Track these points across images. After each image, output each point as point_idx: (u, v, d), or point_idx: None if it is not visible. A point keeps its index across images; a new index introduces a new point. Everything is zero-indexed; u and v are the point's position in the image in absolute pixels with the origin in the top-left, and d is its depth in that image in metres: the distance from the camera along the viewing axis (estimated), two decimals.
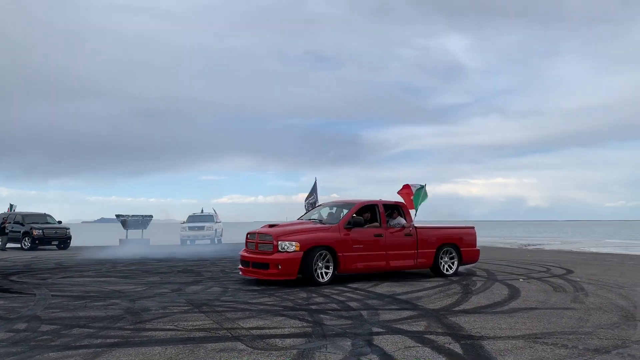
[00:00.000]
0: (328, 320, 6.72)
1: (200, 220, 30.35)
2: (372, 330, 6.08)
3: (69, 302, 8.21)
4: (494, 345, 5.36)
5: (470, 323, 6.54)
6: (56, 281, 11.05)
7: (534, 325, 6.45)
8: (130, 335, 5.84)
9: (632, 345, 5.46)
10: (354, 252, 10.55)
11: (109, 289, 9.80)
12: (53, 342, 5.48)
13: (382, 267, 11.06)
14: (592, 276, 12.04)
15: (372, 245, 10.90)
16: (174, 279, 11.49)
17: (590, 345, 5.41)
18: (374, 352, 5.06)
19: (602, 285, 10.40)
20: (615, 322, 6.71)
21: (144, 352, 5.09)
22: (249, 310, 7.44)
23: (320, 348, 5.22)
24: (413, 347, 5.28)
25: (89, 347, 5.30)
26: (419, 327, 6.26)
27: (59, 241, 25.50)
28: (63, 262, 16.39)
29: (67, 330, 6.10)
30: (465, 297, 8.66)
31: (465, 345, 5.39)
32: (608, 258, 18.90)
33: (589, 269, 13.81)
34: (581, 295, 8.96)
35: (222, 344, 5.43)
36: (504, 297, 8.77)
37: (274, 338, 5.69)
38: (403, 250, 11.31)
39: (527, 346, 5.37)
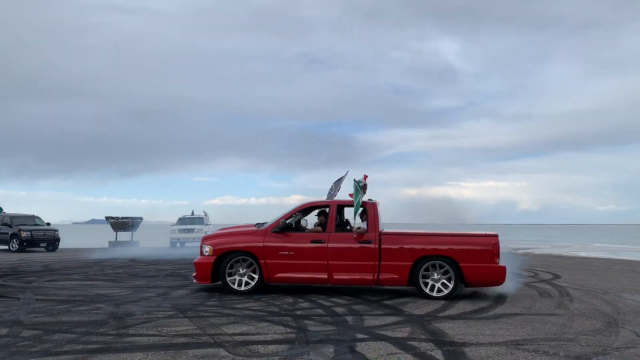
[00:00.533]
0: (312, 326, 6.72)
1: (190, 223, 30.25)
2: (356, 337, 6.09)
3: (53, 306, 8.15)
4: (475, 352, 5.38)
5: (454, 329, 6.56)
6: (41, 284, 10.97)
7: (517, 332, 6.48)
8: (112, 340, 5.81)
9: (612, 352, 5.50)
10: (281, 259, 9.45)
11: (94, 292, 9.74)
12: (34, 348, 5.44)
13: (321, 280, 9.46)
14: (579, 281, 12.11)
15: (307, 253, 9.44)
16: (161, 282, 11.44)
17: (572, 352, 5.44)
18: (356, 359, 5.06)
19: (588, 290, 10.47)
20: (598, 328, 6.76)
21: (124, 358, 5.07)
22: (233, 315, 7.42)
23: (302, 355, 5.22)
24: (395, 354, 5.29)
25: (70, 353, 5.27)
26: (403, 334, 6.27)
27: (47, 243, 25.37)
28: (50, 265, 16.28)
29: (49, 335, 6.06)
30: (451, 303, 8.68)
31: (447, 351, 5.40)
32: (595, 263, 19.03)
33: (575, 274, 13.90)
34: (566, 301, 9.01)
35: (204, 350, 5.42)
36: (490, 302, 8.80)
37: (256, 344, 5.68)
38: (354, 261, 9.33)
39: (508, 353, 5.39)
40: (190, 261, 17.63)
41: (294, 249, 9.49)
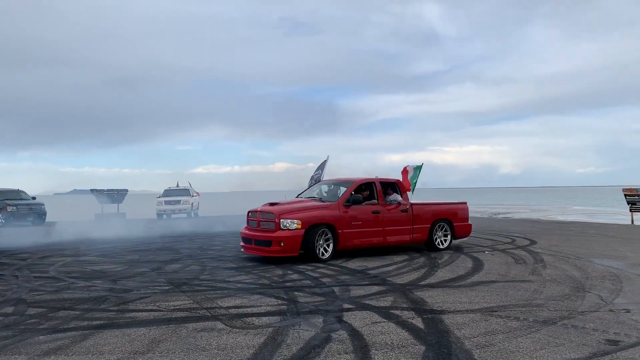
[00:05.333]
0: (302, 297, 7.16)
1: (176, 195, 30.48)
2: (343, 307, 6.54)
3: (52, 283, 8.49)
4: (452, 319, 5.86)
5: (433, 297, 7.05)
6: (36, 261, 11.26)
7: (492, 299, 6.99)
8: (114, 316, 6.19)
9: (577, 316, 6.02)
10: (353, 228, 11.02)
11: (89, 268, 10.08)
12: (41, 326, 5.80)
13: (380, 243, 11.53)
14: (553, 247, 12.73)
15: (370, 221, 11.35)
16: (153, 257, 11.80)
17: (540, 317, 5.95)
18: (343, 329, 5.51)
19: (561, 256, 11.07)
20: (566, 293, 7.30)
21: (129, 333, 5.45)
22: (227, 289, 7.83)
23: (294, 326, 5.65)
24: (379, 323, 5.75)
25: (77, 329, 5.64)
26: (386, 303, 6.75)
27: (34, 217, 25.43)
28: (40, 241, 16.51)
29: (54, 312, 6.41)
30: (431, 272, 9.20)
31: (426, 319, 5.88)
32: (571, 227, 19.78)
33: (551, 240, 14.55)
34: (539, 267, 9.57)
35: (202, 323, 5.82)
36: (468, 270, 9.33)
37: (250, 317, 6.10)
38: (399, 226, 11.82)
39: (482, 319, 5.88)
40: (178, 233, 17.99)
41: (362, 219, 11.24)
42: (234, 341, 5.11)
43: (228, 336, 5.29)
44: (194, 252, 12.69)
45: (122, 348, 4.93)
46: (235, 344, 5.00)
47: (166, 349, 4.88)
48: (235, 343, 5.04)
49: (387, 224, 11.63)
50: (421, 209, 12.33)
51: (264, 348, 4.87)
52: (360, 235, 11.18)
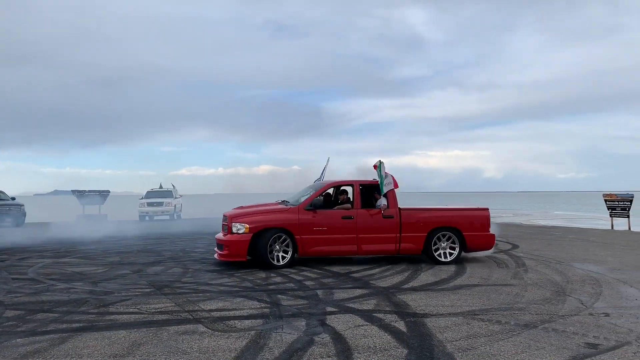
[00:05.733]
0: (285, 300, 7.13)
1: (159, 196, 30.24)
2: (326, 310, 6.53)
3: (31, 285, 8.35)
4: (435, 323, 5.88)
5: (416, 301, 7.07)
6: (15, 263, 11.08)
7: (474, 302, 7.03)
8: (94, 319, 6.10)
9: (557, 320, 6.08)
10: (316, 234, 10.36)
11: (69, 270, 9.94)
12: (19, 328, 5.69)
13: (352, 252, 10.60)
14: (535, 251, 12.86)
15: (339, 228, 10.50)
16: (134, 259, 11.68)
17: (521, 321, 6.00)
18: (326, 332, 5.50)
19: (542, 260, 11.18)
20: (548, 297, 7.37)
21: (109, 336, 5.37)
22: (209, 291, 7.77)
23: (277, 329, 5.62)
24: (362, 326, 5.75)
25: (55, 332, 5.54)
26: (369, 306, 6.75)
27: (13, 218, 25.02)
28: (20, 242, 16.25)
29: (32, 315, 6.30)
30: (415, 275, 9.23)
31: (409, 323, 5.89)
32: (552, 231, 20.00)
33: (532, 244, 14.69)
34: (521, 271, 9.66)
35: (184, 326, 5.76)
36: (451, 274, 9.38)
37: (233, 320, 6.06)
38: (380, 233, 10.65)
39: (464, 323, 5.91)
40: (160, 235, 17.83)
41: (327, 224, 10.49)
42: (216, 344, 5.06)
43: (210, 339, 5.24)
44: (176, 254, 12.59)
45: (102, 351, 4.86)
46: (217, 347, 4.96)
47: (147, 352, 4.82)
48: (217, 346, 5.00)
49: (363, 231, 10.57)
50: (413, 215, 10.89)
51: (246, 351, 4.84)
52: (325, 242, 10.40)
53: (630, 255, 12.13)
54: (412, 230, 10.77)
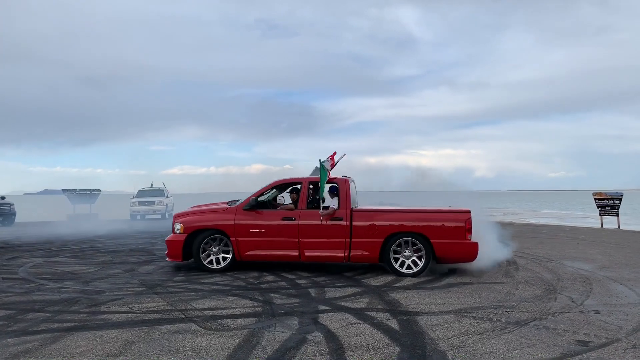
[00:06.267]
0: (278, 299, 7.13)
1: (150, 195, 30.12)
2: (318, 308, 6.54)
3: (21, 285, 8.29)
4: (427, 321, 5.91)
5: (408, 299, 7.10)
6: (5, 262, 11.00)
7: (466, 300, 7.06)
8: (86, 318, 6.07)
9: (548, 317, 6.13)
10: (253, 237, 9.48)
11: (60, 270, 9.88)
12: (10, 328, 5.66)
13: (293, 257, 9.40)
14: (526, 249, 12.94)
15: (278, 230, 9.44)
16: (126, 258, 11.63)
17: (512, 319, 6.04)
18: (319, 330, 5.51)
19: (533, 258, 11.26)
20: (538, 295, 7.42)
21: (101, 335, 5.35)
22: (201, 290, 7.75)
23: (270, 327, 5.62)
24: (354, 324, 5.76)
25: (47, 331, 5.51)
26: (362, 304, 6.77)
27: (3, 217, 24.86)
28: (10, 241, 16.13)
29: (23, 315, 6.26)
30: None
31: (401, 321, 5.91)
32: (543, 230, 20.13)
33: (524, 242, 14.78)
34: (512, 270, 9.71)
35: (176, 325, 5.75)
36: (442, 272, 9.41)
37: (225, 318, 6.05)
38: (326, 238, 9.30)
39: (456, 321, 5.94)
40: (152, 234, 17.77)
41: (265, 227, 9.49)
42: (209, 343, 5.06)
43: (202, 338, 5.23)
44: None
45: (94, 350, 4.84)
46: (209, 346, 4.96)
47: (139, 351, 4.80)
48: (209, 345, 5.00)
49: (306, 235, 9.33)
50: (367, 217, 9.35)
51: (239, 350, 4.84)
52: (262, 245, 9.45)
53: (620, 253, 12.24)
54: (365, 235, 9.22)
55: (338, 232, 9.29)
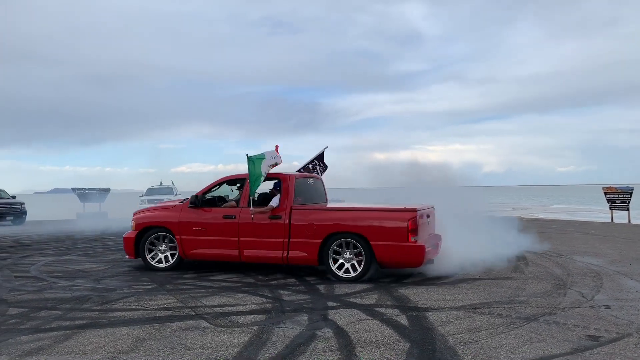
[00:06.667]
0: (287, 295, 7.16)
1: (159, 193, 30.26)
2: (328, 305, 6.56)
3: (34, 283, 8.37)
4: (436, 317, 5.91)
5: (417, 295, 7.10)
6: (17, 261, 11.10)
7: (475, 296, 7.06)
8: (97, 316, 6.13)
9: (558, 312, 6.11)
10: (196, 235, 9.24)
11: (71, 268, 9.96)
12: (23, 326, 5.72)
13: (233, 257, 9.05)
14: (535, 244, 12.87)
15: (220, 228, 9.12)
16: None
17: (522, 314, 6.03)
18: (328, 326, 5.53)
19: (543, 254, 11.21)
20: (548, 290, 7.40)
21: (112, 332, 5.40)
22: (211, 287, 7.80)
23: (279, 324, 5.65)
24: (364, 320, 5.78)
25: (59, 329, 5.57)
26: (371, 300, 6.78)
27: (14, 216, 25.04)
28: (21, 240, 16.28)
29: (35, 312, 6.33)
30: (416, 269, 9.23)
31: (411, 316, 5.92)
32: (552, 225, 20.04)
33: (533, 237, 14.69)
34: (522, 265, 9.69)
35: (187, 322, 5.79)
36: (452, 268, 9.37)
37: (235, 315, 6.08)
38: (265, 237, 8.82)
39: (466, 316, 5.94)
40: None
41: (207, 225, 9.22)
42: (219, 340, 5.09)
43: (213, 335, 5.27)
44: None
45: (106, 347, 4.88)
46: (220, 343, 4.99)
47: (150, 348, 4.84)
48: (220, 342, 5.03)
49: (246, 234, 8.92)
50: (306, 216, 8.71)
51: (249, 346, 4.87)
52: (205, 244, 9.19)
53: (631, 248, 12.17)
54: (304, 235, 8.56)
55: (277, 232, 8.77)
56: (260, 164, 8.97)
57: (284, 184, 9.09)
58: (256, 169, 8.92)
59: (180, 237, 9.32)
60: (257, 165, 8.93)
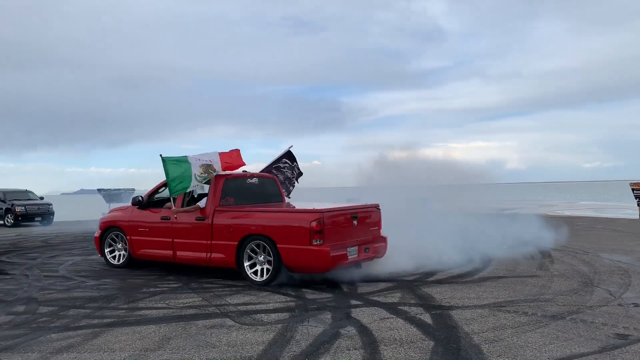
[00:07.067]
0: (310, 294, 7.20)
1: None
2: (351, 303, 6.57)
3: (62, 282, 8.55)
4: (461, 315, 5.87)
5: (441, 293, 7.07)
6: (45, 261, 11.34)
7: (500, 294, 6.99)
8: (125, 314, 6.24)
9: (585, 310, 6.02)
10: (141, 236, 9.54)
11: (98, 267, 10.14)
12: (53, 324, 5.85)
13: (169, 258, 9.17)
14: (561, 242, 12.68)
15: (157, 229, 9.29)
16: None
17: (548, 312, 5.96)
18: (352, 325, 5.54)
19: (569, 251, 11.05)
20: (575, 288, 7.30)
21: (139, 330, 5.49)
22: (235, 286, 7.86)
23: (303, 322, 5.68)
24: (387, 319, 5.77)
25: (87, 327, 5.69)
26: (394, 299, 6.77)
27: (41, 217, 25.58)
28: (49, 240, 16.63)
29: (65, 311, 6.47)
30: (440, 267, 9.18)
31: (435, 315, 5.90)
32: (579, 222, 19.71)
33: (559, 235, 14.47)
34: (547, 262, 9.56)
35: (212, 320, 5.86)
36: (476, 266, 9.32)
37: (260, 313, 6.14)
38: (192, 239, 8.80)
39: (491, 315, 5.89)
40: None
41: (148, 225, 9.47)
42: (244, 337, 5.14)
43: (237, 333, 5.32)
44: None
45: (133, 345, 4.97)
46: (244, 341, 5.04)
47: (177, 346, 4.92)
48: (244, 339, 5.08)
49: (178, 235, 8.96)
50: (228, 217, 8.51)
51: (274, 344, 4.90)
52: (147, 244, 9.41)
53: None
54: (224, 237, 8.39)
55: (202, 233, 8.67)
56: (186, 166, 8.82)
57: (211, 184, 8.97)
58: (177, 171, 8.77)
59: (130, 238, 9.69)
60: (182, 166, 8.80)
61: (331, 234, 7.73)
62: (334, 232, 7.78)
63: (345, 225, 8.09)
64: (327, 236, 7.66)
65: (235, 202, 8.92)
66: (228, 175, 9.22)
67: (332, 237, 7.73)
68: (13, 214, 24.68)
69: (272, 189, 9.96)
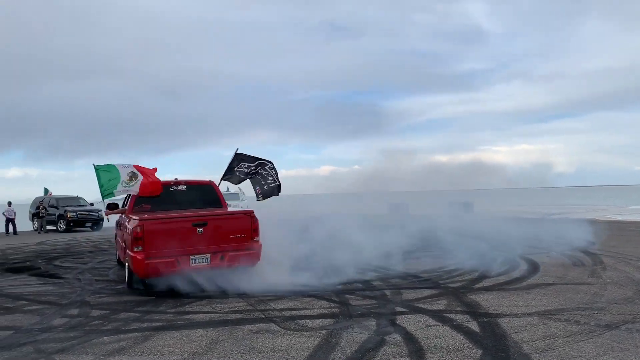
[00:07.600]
0: (354, 300, 7.17)
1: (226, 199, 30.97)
2: (395, 310, 6.51)
3: (112, 286, 8.82)
4: (509, 323, 5.74)
5: (488, 300, 6.92)
6: (96, 265, 11.72)
7: (550, 302, 6.79)
8: (173, 318, 6.38)
9: None
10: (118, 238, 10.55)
11: None
12: (105, 327, 6.04)
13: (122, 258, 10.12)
14: (613, 248, 12.25)
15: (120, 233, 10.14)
16: None
17: (602, 321, 5.75)
18: (397, 332, 5.49)
19: (622, 257, 10.64)
20: (629, 296, 7.01)
21: (187, 334, 5.60)
22: (279, 291, 7.91)
23: (347, 328, 5.67)
24: (433, 326, 5.69)
25: (138, 330, 5.84)
26: (440, 306, 6.67)
27: (92, 223, 26.44)
28: (99, 245, 17.18)
29: (116, 314, 6.67)
30: (485, 274, 9.01)
31: (482, 323, 5.78)
32: (631, 227, 18.97)
33: (610, 240, 13.99)
34: (599, 269, 9.23)
35: (257, 325, 5.92)
36: (523, 273, 9.09)
37: (304, 319, 6.16)
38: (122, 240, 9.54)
39: (541, 323, 5.73)
40: None
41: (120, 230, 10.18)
42: (289, 343, 5.17)
43: (283, 338, 5.36)
44: None
45: (182, 349, 5.08)
46: (290, 346, 5.07)
47: (224, 351, 4.99)
48: (290, 345, 5.11)
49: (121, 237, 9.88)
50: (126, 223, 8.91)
51: (319, 350, 4.91)
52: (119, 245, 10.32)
53: None
54: None
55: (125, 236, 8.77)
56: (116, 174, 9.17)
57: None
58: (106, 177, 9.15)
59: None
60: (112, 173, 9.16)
61: (154, 241, 7.61)
62: (159, 240, 7.64)
63: (183, 233, 7.81)
64: (148, 244, 7.59)
65: (153, 208, 8.87)
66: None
67: (155, 245, 7.62)
68: (65, 219, 25.63)
69: (206, 196, 9.81)
